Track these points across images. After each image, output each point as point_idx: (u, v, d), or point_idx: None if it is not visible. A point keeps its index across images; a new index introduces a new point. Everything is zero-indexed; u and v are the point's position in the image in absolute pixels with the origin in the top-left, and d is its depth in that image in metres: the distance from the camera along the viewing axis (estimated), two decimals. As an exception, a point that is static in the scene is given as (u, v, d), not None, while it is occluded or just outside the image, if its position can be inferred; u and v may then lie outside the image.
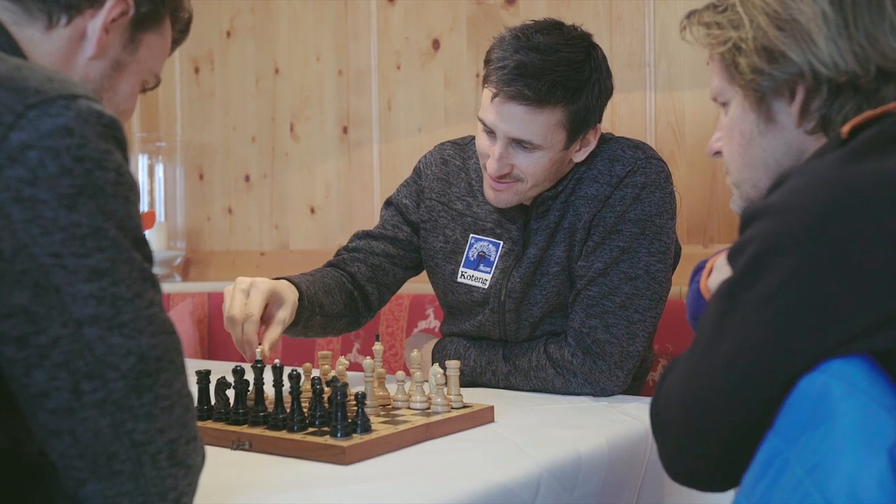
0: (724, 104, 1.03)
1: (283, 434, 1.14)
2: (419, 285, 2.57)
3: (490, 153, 1.55)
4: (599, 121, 1.60)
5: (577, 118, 1.53)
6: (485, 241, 1.67)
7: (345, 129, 2.82)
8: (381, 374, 1.34)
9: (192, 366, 1.98)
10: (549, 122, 1.50)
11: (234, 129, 3.11)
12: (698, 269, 1.08)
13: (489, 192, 1.60)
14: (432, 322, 2.45)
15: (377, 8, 2.71)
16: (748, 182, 1.00)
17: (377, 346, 1.37)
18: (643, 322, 1.53)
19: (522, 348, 1.61)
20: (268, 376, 1.24)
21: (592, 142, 1.59)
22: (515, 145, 1.53)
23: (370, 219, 2.76)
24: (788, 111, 0.94)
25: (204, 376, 1.26)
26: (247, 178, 3.08)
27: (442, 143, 1.88)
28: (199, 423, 1.22)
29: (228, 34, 3.10)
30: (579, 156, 1.60)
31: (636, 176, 1.56)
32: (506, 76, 1.48)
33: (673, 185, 1.63)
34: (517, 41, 1.52)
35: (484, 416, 1.30)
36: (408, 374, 1.71)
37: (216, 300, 2.88)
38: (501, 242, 1.65)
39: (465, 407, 1.30)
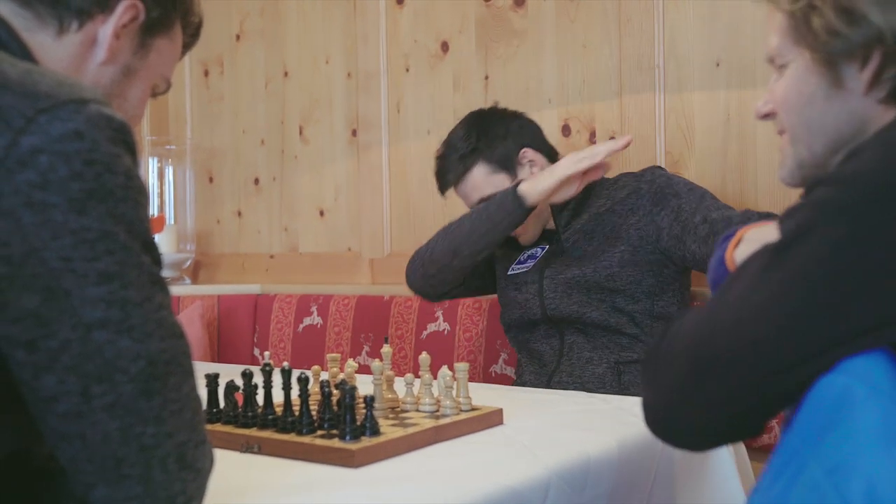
0: (782, 66, 0.96)
1: (293, 437, 1.14)
2: (428, 288, 2.57)
3: None
4: (524, 142, 1.99)
5: (501, 159, 1.96)
6: (534, 248, 2.00)
7: (354, 132, 2.82)
8: (390, 377, 1.34)
9: (201, 369, 1.98)
10: (482, 178, 1.96)
11: (243, 132, 3.11)
12: (727, 238, 1.05)
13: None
14: (441, 325, 2.45)
15: (386, 10, 2.72)
16: (803, 143, 0.95)
17: (386, 349, 1.37)
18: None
19: None
20: (276, 379, 1.24)
21: (537, 159, 1.98)
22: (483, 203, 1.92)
23: (379, 221, 2.77)
24: (858, 77, 0.89)
25: (213, 379, 1.26)
26: (256, 181, 3.08)
27: None
28: (209, 427, 1.22)
29: (238, 37, 3.11)
30: (537, 169, 1.97)
31: (657, 170, 1.91)
32: (440, 179, 2.01)
33: None
34: (438, 159, 2.03)
35: (493, 419, 1.30)
36: (416, 376, 1.72)
37: (225, 303, 2.89)
38: (547, 246, 1.98)
39: (473, 409, 1.30)
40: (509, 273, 2.00)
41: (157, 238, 1.75)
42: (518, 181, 1.84)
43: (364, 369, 2.33)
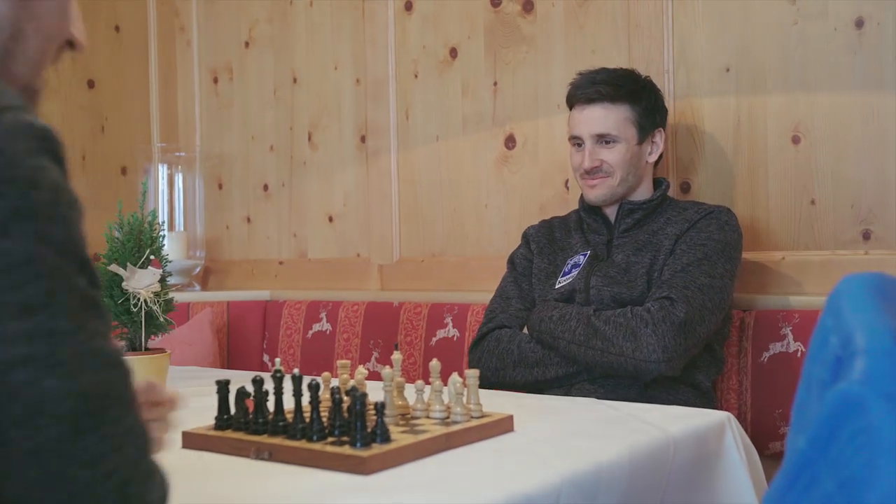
0: None
1: (303, 444, 1.14)
2: (438, 294, 2.57)
3: (582, 159, 1.96)
4: (663, 126, 2.01)
5: (642, 117, 1.95)
6: (577, 256, 1.99)
7: (363, 138, 2.82)
8: (401, 384, 1.34)
9: (212, 375, 1.99)
10: (619, 117, 1.94)
11: (252, 138, 3.12)
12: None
13: (588, 192, 1.98)
14: (451, 331, 2.45)
15: (394, 17, 2.72)
16: None
17: (396, 356, 1.37)
18: (711, 314, 1.78)
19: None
20: (287, 386, 1.24)
21: (660, 145, 2.00)
22: (599, 142, 1.94)
23: (388, 227, 2.77)
24: None
25: (223, 386, 1.26)
26: (265, 188, 3.09)
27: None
28: (219, 433, 1.22)
29: (247, 45, 3.12)
30: (651, 157, 2.00)
31: (722, 214, 1.90)
32: (582, 86, 1.97)
33: None
34: (588, 72, 2.00)
35: (503, 426, 1.30)
36: (427, 382, 1.71)
37: (235, 309, 2.89)
38: (589, 251, 1.97)
39: (484, 416, 1.29)
40: (556, 286, 1.96)
41: (168, 244, 1.75)
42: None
43: (374, 376, 2.34)
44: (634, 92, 1.95)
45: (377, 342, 2.58)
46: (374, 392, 1.33)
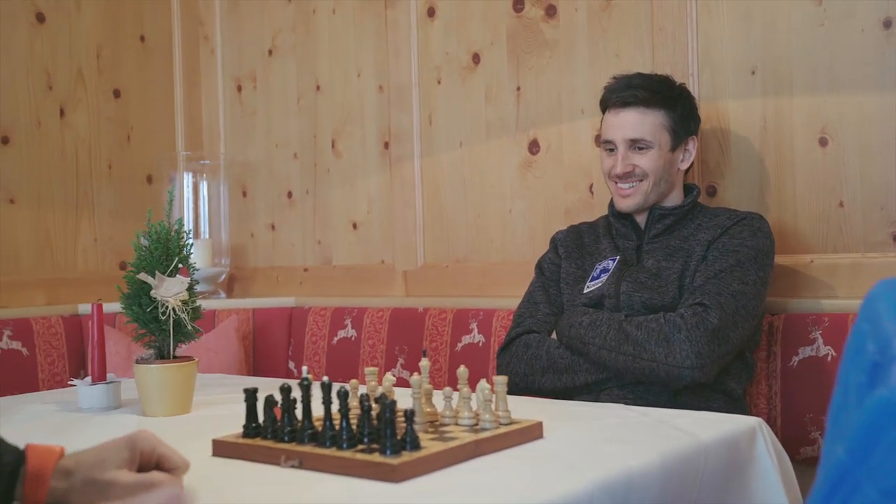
0: None
1: (333, 451, 1.14)
2: (463, 300, 2.57)
3: (614, 163, 1.93)
4: (696, 133, 1.99)
5: (677, 123, 1.93)
6: (605, 261, 1.97)
7: (386, 145, 2.83)
8: (429, 391, 1.33)
9: (238, 382, 2.00)
10: (654, 122, 1.91)
11: (276, 146, 3.14)
12: None
13: (620, 202, 1.96)
14: (476, 336, 2.45)
15: (417, 24, 2.73)
16: None
17: (424, 362, 1.37)
18: (744, 321, 1.77)
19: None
20: (315, 393, 1.24)
21: (692, 152, 1.98)
22: (632, 147, 1.92)
23: (412, 233, 2.77)
24: None
25: (251, 394, 1.26)
26: (289, 195, 3.10)
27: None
28: (248, 441, 1.22)
29: (270, 53, 3.14)
30: (684, 164, 1.98)
31: (754, 220, 1.88)
32: (618, 90, 1.94)
33: None
34: (623, 76, 1.98)
35: (532, 432, 1.29)
36: (454, 389, 1.71)
37: (261, 316, 2.91)
38: (618, 257, 1.95)
39: (513, 423, 1.29)
40: (585, 290, 1.95)
41: (194, 253, 1.76)
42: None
43: (400, 382, 2.34)
44: (670, 98, 1.93)
45: (402, 348, 2.58)
46: (402, 399, 1.33)
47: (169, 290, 1.60)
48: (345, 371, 2.64)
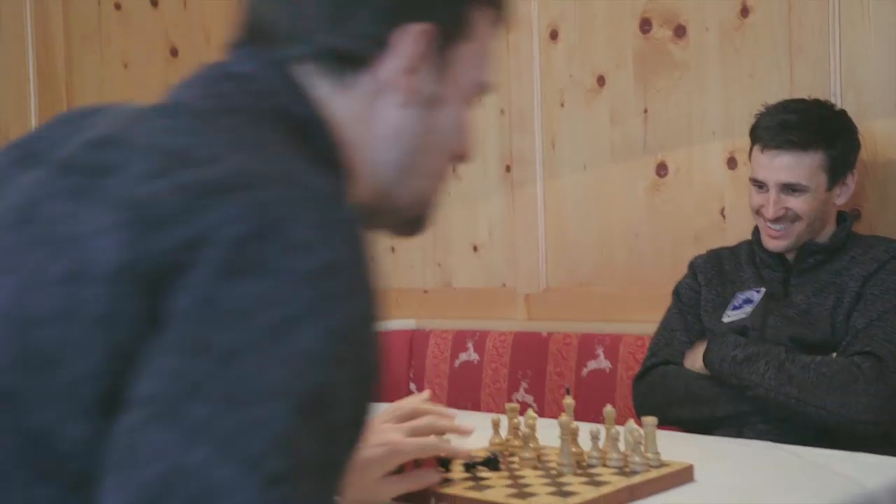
0: None
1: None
2: (588, 325, 2.53)
3: (764, 202, 1.83)
4: (854, 166, 1.87)
5: (836, 162, 1.81)
6: (748, 291, 1.88)
7: (507, 168, 2.82)
8: (575, 430, 1.31)
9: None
10: (812, 164, 1.79)
11: (397, 169, 3.17)
12: None
13: (769, 242, 1.86)
14: (602, 362, 2.40)
15: (540, 47, 2.71)
16: None
17: (568, 400, 1.34)
18: None
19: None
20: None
21: (851, 185, 1.86)
22: (786, 190, 1.81)
23: (535, 257, 2.75)
24: None
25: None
26: (410, 218, 3.12)
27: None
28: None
29: (391, 77, 3.18)
30: (840, 199, 1.87)
31: None
32: (771, 130, 1.82)
33: None
34: (779, 108, 1.86)
35: (684, 476, 1.25)
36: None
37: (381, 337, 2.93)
38: (764, 289, 1.86)
39: (663, 465, 1.25)
40: (725, 320, 1.87)
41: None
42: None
43: (524, 406, 2.33)
44: (830, 136, 1.80)
45: (525, 372, 2.56)
46: (545, 431, 1.31)
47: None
48: (467, 395, 2.64)
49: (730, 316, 1.87)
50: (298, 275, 0.59)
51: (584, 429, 1.31)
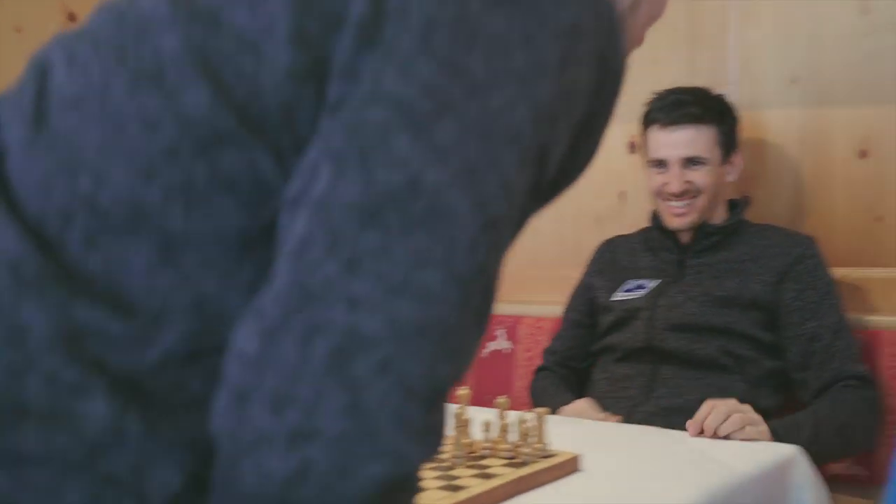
0: None
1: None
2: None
3: (667, 180, 1.87)
4: (738, 146, 1.95)
5: (727, 138, 1.90)
6: (642, 280, 1.92)
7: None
8: (467, 421, 1.31)
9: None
10: (709, 138, 1.87)
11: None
12: None
13: (672, 221, 1.90)
14: (503, 343, 2.42)
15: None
16: None
17: (462, 391, 1.34)
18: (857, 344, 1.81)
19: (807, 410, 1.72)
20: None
21: (738, 165, 1.94)
22: (686, 164, 1.87)
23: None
24: None
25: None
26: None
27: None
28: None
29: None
30: (730, 177, 1.94)
31: (813, 249, 1.85)
32: (667, 108, 1.88)
33: None
34: (668, 92, 1.94)
35: (569, 466, 1.27)
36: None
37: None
38: (660, 280, 1.89)
39: (549, 455, 1.27)
40: (614, 299, 1.92)
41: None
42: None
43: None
44: (720, 112, 1.90)
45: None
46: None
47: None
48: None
49: (619, 296, 1.91)
50: (551, 28, 0.57)
51: (480, 416, 1.32)
